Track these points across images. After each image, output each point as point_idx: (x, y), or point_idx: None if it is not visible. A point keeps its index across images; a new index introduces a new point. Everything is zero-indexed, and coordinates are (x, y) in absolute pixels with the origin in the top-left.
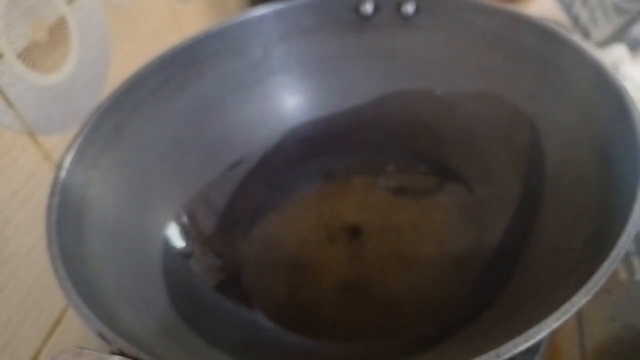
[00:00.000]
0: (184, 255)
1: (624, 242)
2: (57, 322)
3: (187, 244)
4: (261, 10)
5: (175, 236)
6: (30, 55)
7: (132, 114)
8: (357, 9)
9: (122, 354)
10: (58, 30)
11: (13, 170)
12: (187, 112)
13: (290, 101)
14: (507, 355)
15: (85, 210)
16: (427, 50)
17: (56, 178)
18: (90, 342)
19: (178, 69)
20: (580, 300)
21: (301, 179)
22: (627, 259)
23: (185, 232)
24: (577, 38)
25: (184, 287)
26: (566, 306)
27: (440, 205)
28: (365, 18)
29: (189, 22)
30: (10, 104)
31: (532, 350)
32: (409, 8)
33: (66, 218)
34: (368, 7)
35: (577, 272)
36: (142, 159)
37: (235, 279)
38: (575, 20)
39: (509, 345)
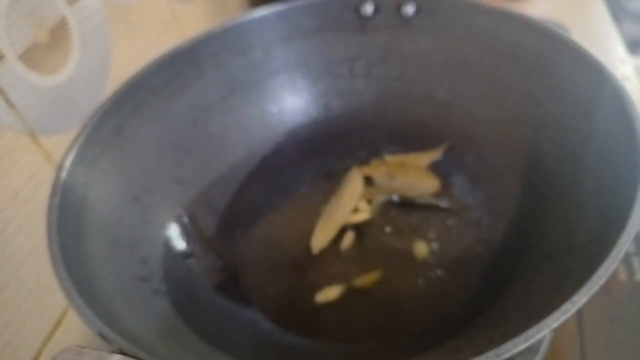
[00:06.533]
0: (185, 255)
1: (624, 242)
2: (58, 323)
3: (188, 245)
4: (262, 12)
5: (175, 236)
6: (31, 56)
7: (133, 114)
8: (357, 10)
9: (122, 353)
10: (59, 32)
11: (14, 171)
12: (188, 112)
13: (290, 102)
14: (507, 355)
15: (86, 211)
16: (427, 51)
17: (57, 178)
18: (91, 343)
19: (179, 70)
20: (580, 300)
21: (301, 179)
22: (627, 259)
23: (186, 233)
24: (576, 38)
25: (184, 287)
26: (566, 306)
27: (440, 206)
28: (365, 19)
29: (190, 23)
30: (11, 105)
31: (532, 350)
32: (409, 9)
33: (67, 218)
34: (368, 8)
35: (577, 272)
36: (142, 159)
37: (236, 280)
38: None
39: (509, 345)
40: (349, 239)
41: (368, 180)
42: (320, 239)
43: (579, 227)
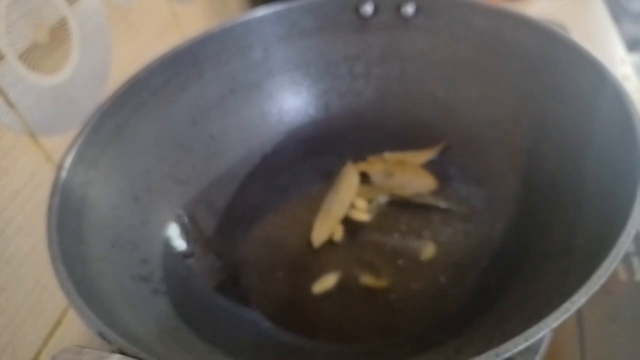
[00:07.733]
0: (185, 255)
1: (624, 242)
2: (58, 323)
3: (188, 245)
4: (262, 12)
5: (175, 237)
6: (31, 56)
7: (133, 114)
8: (357, 10)
9: (122, 353)
10: (59, 32)
11: (14, 171)
12: (188, 113)
13: (290, 102)
14: (507, 355)
15: (86, 211)
16: (427, 51)
17: (57, 179)
18: (91, 343)
19: (179, 70)
20: (580, 300)
21: (301, 179)
22: (627, 259)
23: (186, 233)
24: (576, 38)
25: (184, 288)
26: (566, 306)
27: (440, 206)
28: (365, 19)
29: (190, 24)
30: (11, 105)
31: (532, 350)
32: (409, 9)
33: (67, 218)
34: (368, 9)
35: (577, 272)
36: (142, 159)
37: (235, 280)
38: None
39: (509, 345)
40: (339, 232)
41: (365, 178)
42: (320, 233)
43: (579, 227)
